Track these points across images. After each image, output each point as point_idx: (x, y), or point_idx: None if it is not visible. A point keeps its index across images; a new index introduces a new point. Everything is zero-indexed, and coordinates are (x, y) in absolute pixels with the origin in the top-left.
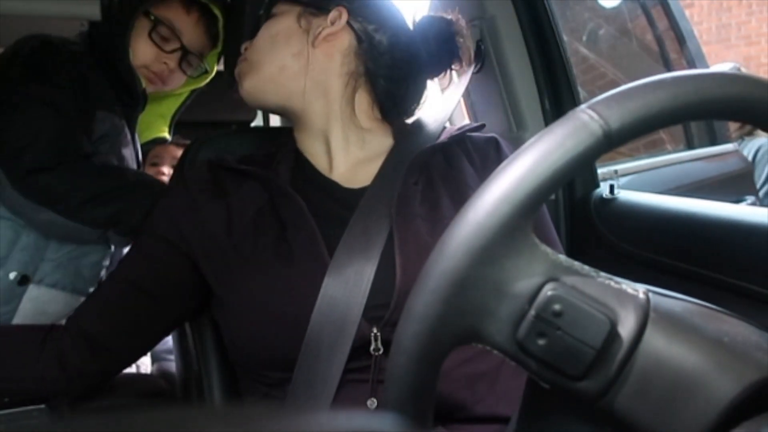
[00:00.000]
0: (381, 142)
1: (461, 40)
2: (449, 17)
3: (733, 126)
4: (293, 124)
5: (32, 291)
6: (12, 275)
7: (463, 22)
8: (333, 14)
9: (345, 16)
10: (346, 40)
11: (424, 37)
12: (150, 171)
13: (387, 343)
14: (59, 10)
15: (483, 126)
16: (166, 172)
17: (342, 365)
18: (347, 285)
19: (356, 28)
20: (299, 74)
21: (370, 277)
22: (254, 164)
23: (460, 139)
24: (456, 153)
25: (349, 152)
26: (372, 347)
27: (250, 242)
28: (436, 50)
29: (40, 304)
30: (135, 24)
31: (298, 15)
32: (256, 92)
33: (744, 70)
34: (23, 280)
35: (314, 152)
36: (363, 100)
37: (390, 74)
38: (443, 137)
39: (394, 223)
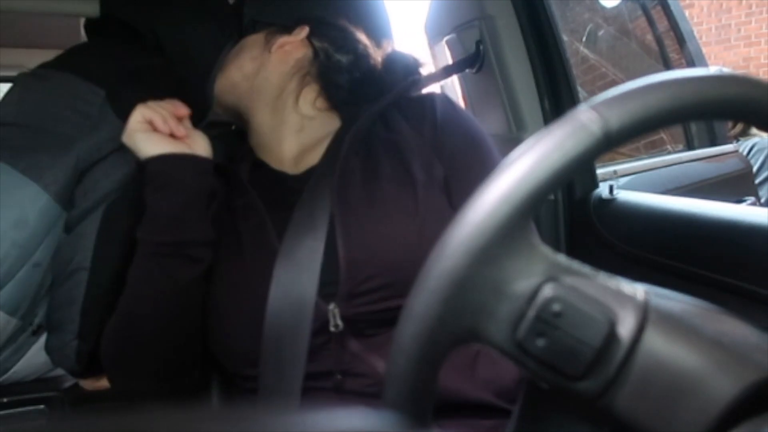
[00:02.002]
0: (326, 125)
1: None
2: (418, 59)
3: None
4: (244, 126)
5: (42, 340)
6: (31, 325)
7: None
8: (296, 30)
9: (305, 32)
10: (301, 52)
11: (391, 68)
12: None
13: (345, 318)
14: (59, 7)
15: (417, 81)
16: None
17: (306, 348)
18: (299, 268)
19: (316, 45)
20: (252, 74)
21: (320, 256)
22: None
23: (396, 101)
24: (394, 116)
25: (291, 139)
26: (331, 324)
27: None
28: (402, 81)
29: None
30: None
31: (267, 33)
32: (220, 94)
33: (726, 70)
34: (38, 330)
35: (263, 149)
36: (309, 92)
37: (348, 88)
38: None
39: (334, 198)
